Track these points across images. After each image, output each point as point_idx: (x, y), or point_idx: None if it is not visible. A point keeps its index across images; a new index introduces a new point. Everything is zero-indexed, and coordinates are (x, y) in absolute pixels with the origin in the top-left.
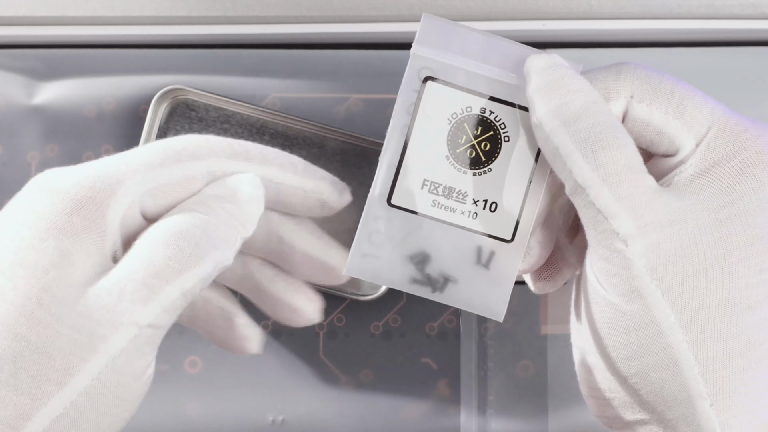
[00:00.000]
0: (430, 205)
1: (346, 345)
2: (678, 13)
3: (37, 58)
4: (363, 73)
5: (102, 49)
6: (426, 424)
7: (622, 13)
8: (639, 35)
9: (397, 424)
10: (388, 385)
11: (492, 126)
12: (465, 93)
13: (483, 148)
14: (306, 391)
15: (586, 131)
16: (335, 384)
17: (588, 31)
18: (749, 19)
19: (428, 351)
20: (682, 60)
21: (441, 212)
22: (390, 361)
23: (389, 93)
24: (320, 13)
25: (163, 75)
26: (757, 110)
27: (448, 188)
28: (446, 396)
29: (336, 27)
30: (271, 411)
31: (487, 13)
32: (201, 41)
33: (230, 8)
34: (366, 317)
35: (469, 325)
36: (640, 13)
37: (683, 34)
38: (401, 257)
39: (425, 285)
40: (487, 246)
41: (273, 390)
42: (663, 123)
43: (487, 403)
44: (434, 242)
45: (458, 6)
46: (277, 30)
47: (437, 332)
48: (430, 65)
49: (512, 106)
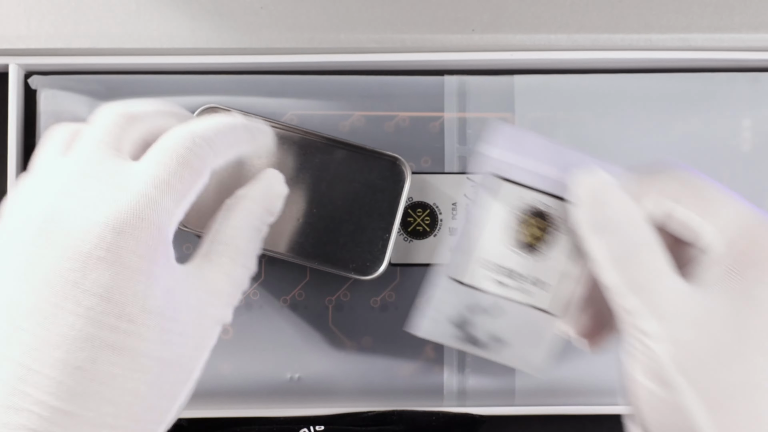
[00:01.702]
0: (489, 281)
1: (350, 316)
2: (621, 45)
3: (98, 82)
4: (364, 95)
5: (151, 75)
6: (415, 380)
7: (576, 46)
8: (590, 64)
9: (391, 381)
10: (385, 349)
11: (547, 217)
12: (527, 190)
13: (539, 235)
14: (318, 354)
15: (616, 244)
16: (341, 348)
17: (548, 60)
18: (679, 50)
19: None
20: (625, 84)
21: (499, 288)
22: (386, 330)
23: (384, 111)
24: (330, 45)
25: (200, 96)
26: (686, 125)
27: (507, 269)
28: (432, 358)
29: (342, 57)
30: (289, 370)
31: (465, 45)
32: (232, 69)
33: (255, 41)
34: (367, 293)
35: None
36: (590, 46)
37: (626, 62)
38: (449, 321)
39: (471, 343)
40: (538, 318)
41: (291, 353)
42: (692, 220)
43: (465, 364)
44: (493, 311)
45: (441, 40)
46: (293, 59)
47: None
48: (500, 166)
49: (564, 201)
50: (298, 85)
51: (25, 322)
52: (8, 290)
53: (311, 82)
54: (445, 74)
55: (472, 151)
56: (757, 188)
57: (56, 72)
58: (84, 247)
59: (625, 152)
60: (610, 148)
